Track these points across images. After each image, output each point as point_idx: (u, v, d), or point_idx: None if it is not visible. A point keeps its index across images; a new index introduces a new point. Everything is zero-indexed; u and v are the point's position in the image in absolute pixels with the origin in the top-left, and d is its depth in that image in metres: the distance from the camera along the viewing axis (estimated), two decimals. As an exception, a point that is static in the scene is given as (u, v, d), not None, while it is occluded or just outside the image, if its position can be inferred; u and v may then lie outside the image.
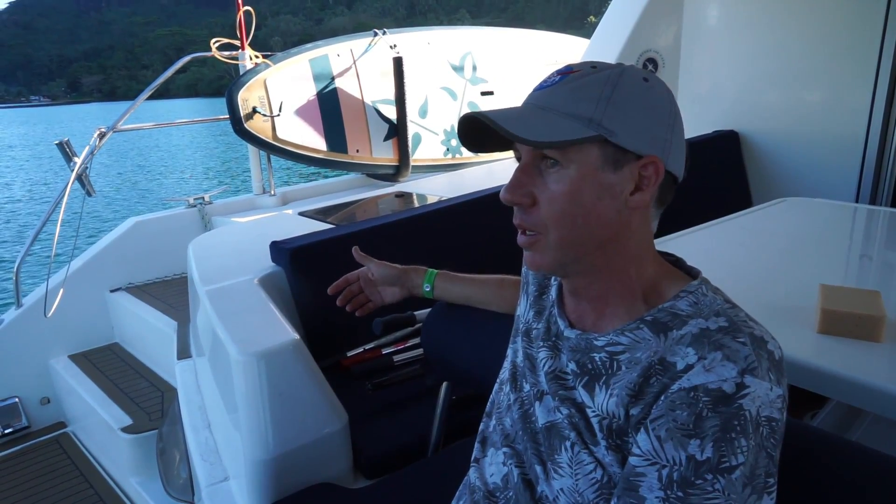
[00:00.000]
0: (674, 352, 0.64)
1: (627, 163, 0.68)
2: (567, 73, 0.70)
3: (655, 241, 0.77)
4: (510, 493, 0.76)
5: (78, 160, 2.92)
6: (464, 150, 4.03)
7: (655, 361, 0.64)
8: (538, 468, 0.73)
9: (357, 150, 3.58)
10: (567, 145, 0.67)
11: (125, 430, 2.34)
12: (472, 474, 0.84)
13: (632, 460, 0.62)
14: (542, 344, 0.79)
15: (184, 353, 2.20)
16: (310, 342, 1.71)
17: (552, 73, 0.72)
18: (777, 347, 0.64)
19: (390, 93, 3.66)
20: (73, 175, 2.88)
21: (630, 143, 0.67)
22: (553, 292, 0.83)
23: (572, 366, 0.72)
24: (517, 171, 0.72)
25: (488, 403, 0.89)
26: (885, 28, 2.61)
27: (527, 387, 0.79)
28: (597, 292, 0.73)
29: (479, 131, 0.73)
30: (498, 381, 0.88)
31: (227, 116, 3.19)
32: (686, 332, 0.65)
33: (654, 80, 0.71)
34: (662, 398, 0.62)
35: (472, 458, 0.85)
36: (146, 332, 2.86)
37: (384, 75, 3.64)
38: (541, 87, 0.72)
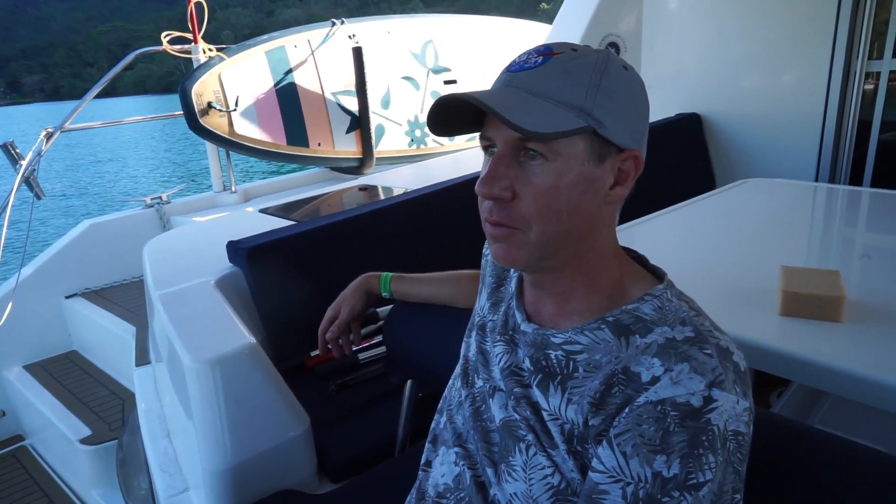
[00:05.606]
0: (638, 361, 0.61)
1: (609, 156, 0.65)
2: (548, 54, 0.65)
3: (621, 225, 0.74)
4: (462, 495, 0.73)
5: (24, 162, 2.80)
6: (429, 140, 4.01)
7: (619, 370, 0.61)
8: (490, 470, 0.70)
9: (319, 144, 3.50)
10: (560, 136, 0.62)
11: (84, 441, 2.25)
12: (422, 478, 0.81)
13: (594, 476, 0.59)
14: (498, 338, 0.75)
15: (142, 359, 2.12)
16: (271, 343, 1.67)
17: (529, 53, 0.66)
18: (741, 359, 0.62)
19: (351, 84, 3.59)
20: (19, 177, 2.75)
21: (615, 136, 0.64)
22: (513, 284, 0.79)
23: (527, 362, 0.70)
24: (494, 162, 0.65)
25: (441, 400, 0.86)
26: (838, 7, 2.64)
27: (479, 383, 0.76)
28: (561, 288, 0.70)
29: (447, 114, 0.67)
30: (452, 377, 0.85)
31: (182, 113, 3.08)
32: (651, 340, 0.62)
33: (631, 69, 0.68)
34: (627, 410, 0.59)
35: (423, 462, 0.82)
36: (105, 338, 2.77)
37: (344, 66, 3.57)
38: (521, 68, 0.65)
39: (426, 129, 3.91)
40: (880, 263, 1.50)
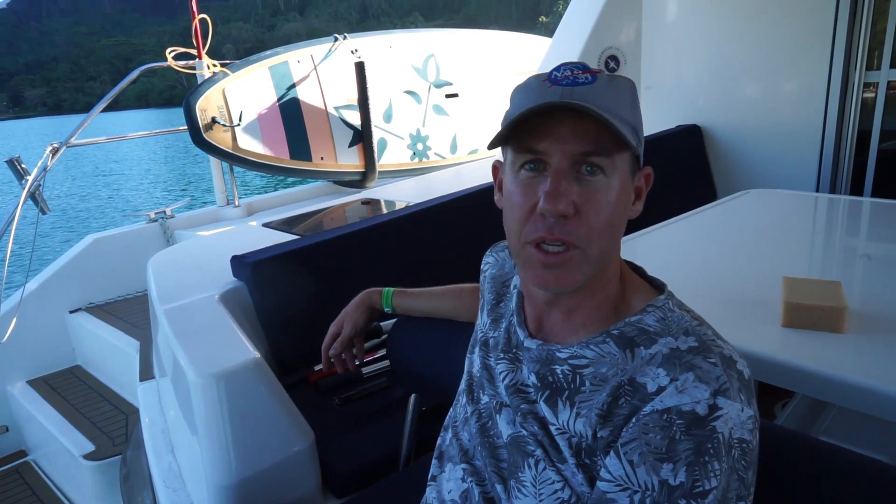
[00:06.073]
0: (644, 372, 0.62)
1: (635, 172, 0.69)
2: (589, 71, 0.64)
3: (623, 237, 0.76)
4: None
5: (30, 178, 2.82)
6: (431, 154, 4.04)
7: (625, 381, 0.62)
8: (499, 487, 0.70)
9: (322, 158, 3.53)
10: (637, 151, 0.66)
11: (87, 456, 2.25)
12: (428, 494, 0.81)
13: (601, 485, 0.60)
14: (501, 355, 0.76)
15: (146, 373, 2.12)
16: (275, 358, 1.67)
17: (570, 69, 0.64)
18: (745, 367, 0.63)
19: (353, 98, 3.62)
20: (25, 193, 2.78)
21: (641, 153, 0.68)
22: (513, 301, 0.80)
23: (533, 378, 0.70)
24: (556, 177, 0.62)
25: (447, 417, 0.86)
26: (836, 18, 2.67)
27: (485, 398, 0.77)
28: (572, 304, 0.70)
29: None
30: (457, 393, 0.85)
31: (186, 127, 3.11)
32: (656, 351, 0.63)
33: None
34: (634, 420, 0.60)
35: (429, 476, 0.82)
36: (109, 353, 2.77)
37: (346, 81, 3.60)
38: (574, 83, 0.63)
39: (428, 143, 3.96)
40: (882, 273, 1.50)
